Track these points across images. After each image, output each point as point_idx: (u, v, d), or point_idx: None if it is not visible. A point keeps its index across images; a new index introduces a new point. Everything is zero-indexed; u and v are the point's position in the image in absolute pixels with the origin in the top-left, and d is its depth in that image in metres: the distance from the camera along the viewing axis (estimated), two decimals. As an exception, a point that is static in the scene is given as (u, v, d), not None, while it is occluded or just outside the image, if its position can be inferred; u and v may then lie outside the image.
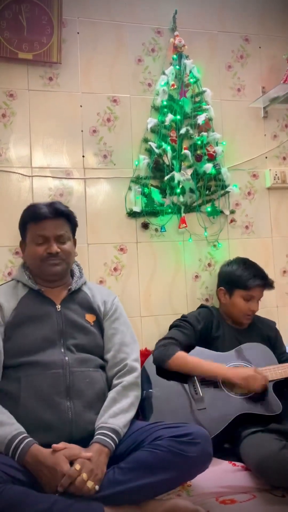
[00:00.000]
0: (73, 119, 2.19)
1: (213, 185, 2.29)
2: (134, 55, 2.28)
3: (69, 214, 1.73)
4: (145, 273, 2.23)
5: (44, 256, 1.64)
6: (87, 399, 1.50)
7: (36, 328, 1.57)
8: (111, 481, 1.33)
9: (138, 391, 1.59)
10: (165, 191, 2.22)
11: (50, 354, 1.53)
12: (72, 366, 1.52)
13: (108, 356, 1.64)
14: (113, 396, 1.52)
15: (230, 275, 2.06)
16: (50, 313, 1.61)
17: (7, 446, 1.33)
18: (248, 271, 2.02)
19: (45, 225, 1.66)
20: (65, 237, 1.69)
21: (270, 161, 2.43)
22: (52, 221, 1.67)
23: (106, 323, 1.69)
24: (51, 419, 1.43)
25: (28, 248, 1.70)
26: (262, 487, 1.50)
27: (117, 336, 1.66)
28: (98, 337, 1.65)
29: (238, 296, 2.00)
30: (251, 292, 1.99)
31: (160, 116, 2.24)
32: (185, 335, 1.91)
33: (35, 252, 1.66)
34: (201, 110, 2.26)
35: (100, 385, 1.56)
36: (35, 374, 1.48)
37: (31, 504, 1.21)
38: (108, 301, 1.73)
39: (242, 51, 2.44)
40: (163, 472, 1.33)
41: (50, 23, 2.10)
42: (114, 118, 2.24)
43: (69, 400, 1.47)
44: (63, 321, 1.60)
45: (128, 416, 1.49)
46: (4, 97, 2.11)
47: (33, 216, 1.68)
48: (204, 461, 1.40)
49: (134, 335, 1.72)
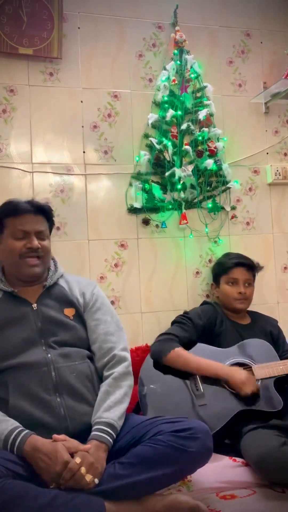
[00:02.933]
0: (74, 114, 2.18)
1: (214, 181, 2.28)
2: (135, 50, 2.27)
3: (48, 212, 1.68)
4: (146, 269, 2.23)
5: (23, 251, 1.58)
6: (77, 393, 1.49)
7: (14, 331, 1.53)
8: (111, 475, 1.32)
9: (130, 379, 1.56)
10: (166, 187, 2.22)
11: (32, 354, 1.50)
12: (56, 362, 1.50)
13: (94, 348, 1.60)
14: (105, 389, 1.51)
15: (214, 267, 2.19)
16: (26, 313, 1.57)
17: (4, 441, 1.33)
18: (227, 257, 2.13)
19: (26, 220, 1.60)
20: (44, 234, 1.64)
21: (271, 157, 2.42)
22: (33, 216, 1.62)
23: (87, 315, 1.64)
24: (44, 417, 1.42)
25: (4, 243, 1.61)
26: (262, 483, 1.50)
27: (100, 326, 1.62)
28: (80, 331, 1.61)
29: (223, 283, 2.08)
30: (232, 274, 2.05)
31: (161, 111, 2.23)
32: (185, 331, 1.91)
33: (14, 247, 1.58)
34: (202, 105, 2.26)
35: (88, 376, 1.54)
36: (21, 377, 1.47)
37: (32, 499, 1.21)
38: (87, 292, 1.67)
39: (243, 46, 2.43)
40: (163, 467, 1.33)
41: (50, 18, 2.10)
42: (115, 113, 2.23)
43: (59, 396, 1.46)
44: (41, 319, 1.56)
45: (122, 407, 1.48)
46: (5, 93, 2.10)
47: (14, 209, 1.61)
48: (204, 456, 1.39)
49: (119, 323, 1.67)
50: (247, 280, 2.05)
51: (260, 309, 2.17)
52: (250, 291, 2.06)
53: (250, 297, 2.07)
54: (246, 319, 2.08)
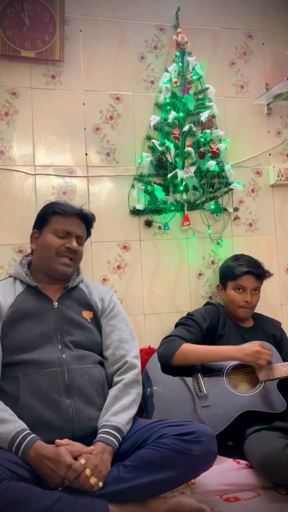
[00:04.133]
0: (76, 117, 2.18)
1: (216, 182, 2.28)
2: (136, 52, 2.28)
3: (91, 222, 1.79)
4: (148, 271, 2.23)
5: (61, 249, 1.66)
6: (87, 396, 1.50)
7: (33, 325, 1.56)
8: (115, 478, 1.33)
9: (139, 388, 1.58)
10: (168, 188, 2.22)
11: (48, 351, 1.53)
12: (70, 363, 1.52)
13: (107, 354, 1.63)
14: (114, 394, 1.52)
15: (223, 269, 2.12)
16: (47, 309, 1.61)
17: (10, 443, 1.33)
18: (237, 262, 2.05)
19: (72, 222, 1.70)
20: (82, 240, 1.75)
21: (274, 158, 2.42)
22: (79, 221, 1.72)
23: (103, 320, 1.68)
24: (52, 418, 1.43)
25: (44, 237, 1.69)
26: (266, 485, 1.50)
27: (115, 333, 1.66)
28: (95, 334, 1.65)
29: (230, 288, 2.03)
30: (240, 282, 2.00)
31: (163, 113, 2.23)
32: (191, 333, 1.90)
33: (53, 243, 1.66)
34: (204, 107, 2.26)
35: (99, 381, 1.56)
36: (33, 373, 1.48)
37: (35, 501, 1.21)
38: (106, 298, 1.72)
39: (245, 47, 2.43)
40: (167, 470, 1.33)
41: (52, 21, 2.10)
42: (117, 115, 2.24)
43: (69, 398, 1.47)
44: (60, 318, 1.60)
45: (130, 413, 1.49)
46: (7, 96, 2.10)
47: (63, 209, 1.71)
48: (208, 459, 1.39)
49: (133, 332, 1.71)
50: (255, 288, 2.02)
51: (263, 311, 2.17)
52: (256, 299, 2.03)
53: (255, 305, 2.05)
54: (249, 321, 2.07)
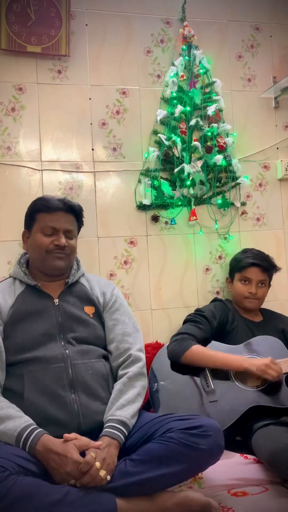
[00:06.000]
0: (82, 112, 2.18)
1: (223, 176, 2.27)
2: (143, 46, 2.26)
3: (79, 212, 1.73)
4: (155, 266, 2.22)
5: (50, 247, 1.63)
6: (91, 390, 1.50)
7: (35, 324, 1.56)
8: (122, 472, 1.33)
9: (144, 380, 1.58)
10: (175, 183, 2.21)
11: (51, 348, 1.52)
12: (74, 358, 1.52)
13: (111, 347, 1.63)
14: (119, 388, 1.52)
15: (231, 261, 2.15)
16: (48, 307, 1.60)
17: (17, 438, 1.34)
18: (245, 254, 2.07)
19: (57, 217, 1.65)
20: (72, 234, 1.69)
21: (282, 152, 2.40)
22: (64, 214, 1.67)
23: (106, 314, 1.67)
24: (57, 413, 1.43)
25: (33, 237, 1.67)
26: (274, 480, 1.50)
27: (118, 326, 1.64)
28: (98, 329, 1.64)
29: (237, 279, 2.05)
30: (245, 273, 2.01)
31: (170, 107, 2.22)
32: (201, 330, 1.89)
33: (42, 243, 1.63)
34: (211, 101, 2.24)
35: (103, 375, 1.56)
36: (38, 370, 1.48)
37: (43, 495, 1.21)
38: (107, 292, 1.71)
39: (252, 40, 2.41)
40: (174, 464, 1.33)
41: (58, 16, 2.09)
42: (123, 110, 2.23)
43: (73, 393, 1.47)
44: (62, 315, 1.59)
45: (135, 406, 1.48)
46: (13, 91, 2.11)
47: (46, 206, 1.66)
48: (215, 453, 1.39)
49: (136, 324, 1.70)
50: (261, 280, 2.01)
51: (271, 306, 2.16)
52: (262, 292, 2.02)
53: (262, 298, 2.04)
54: (258, 316, 2.06)
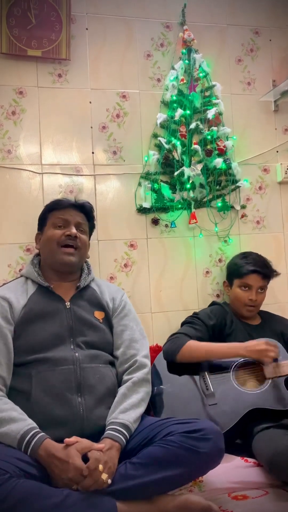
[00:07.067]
0: (83, 115, 2.19)
1: (223, 180, 2.27)
2: (143, 50, 2.27)
3: (89, 211, 1.80)
4: (155, 269, 2.22)
5: (61, 239, 1.67)
6: (97, 395, 1.51)
7: (46, 325, 1.57)
8: (123, 476, 1.33)
9: (148, 387, 1.59)
10: (175, 186, 2.22)
11: (61, 350, 1.54)
12: (83, 362, 1.53)
13: (118, 353, 1.64)
14: (123, 392, 1.53)
15: (230, 266, 2.13)
16: (59, 310, 1.61)
17: (19, 441, 1.34)
18: (245, 260, 2.05)
19: (68, 211, 1.72)
20: (84, 228, 1.75)
21: (281, 155, 2.41)
22: (75, 210, 1.74)
23: (115, 319, 1.69)
24: (62, 415, 1.44)
25: (45, 233, 1.72)
26: (274, 483, 1.50)
27: (126, 332, 1.66)
28: (107, 334, 1.66)
29: (236, 285, 2.03)
30: (246, 280, 1.99)
31: (170, 111, 2.23)
32: (197, 330, 1.90)
33: (53, 235, 1.68)
34: (211, 104, 2.25)
35: (110, 380, 1.57)
36: (46, 371, 1.49)
37: (44, 498, 1.22)
38: (117, 298, 1.73)
39: (252, 44, 2.42)
40: (174, 468, 1.33)
41: (58, 20, 2.10)
42: (124, 114, 2.23)
43: (80, 396, 1.48)
44: (73, 318, 1.61)
45: (138, 411, 1.49)
46: (14, 95, 2.11)
47: (57, 203, 1.74)
48: (216, 457, 1.39)
49: (143, 331, 1.72)
50: (261, 286, 2.01)
51: (271, 309, 2.16)
52: (261, 298, 2.02)
53: (261, 303, 2.04)
54: (257, 319, 2.07)
